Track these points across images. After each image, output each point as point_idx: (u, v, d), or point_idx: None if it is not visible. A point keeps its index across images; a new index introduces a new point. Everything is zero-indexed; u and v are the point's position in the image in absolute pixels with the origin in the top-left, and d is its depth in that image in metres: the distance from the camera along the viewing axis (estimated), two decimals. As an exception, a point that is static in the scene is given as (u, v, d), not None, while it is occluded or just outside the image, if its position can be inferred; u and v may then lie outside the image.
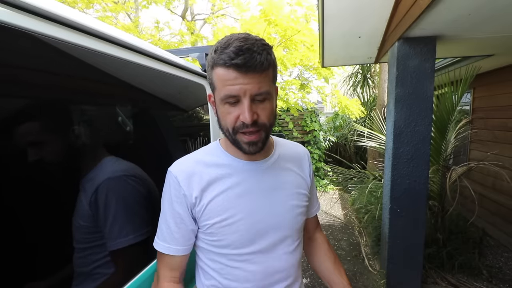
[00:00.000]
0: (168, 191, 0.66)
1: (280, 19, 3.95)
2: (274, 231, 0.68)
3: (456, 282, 2.39)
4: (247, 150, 0.62)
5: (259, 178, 0.67)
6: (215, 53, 0.57)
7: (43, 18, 0.58)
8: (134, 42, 0.86)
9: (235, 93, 0.56)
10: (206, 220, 0.64)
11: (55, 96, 0.66)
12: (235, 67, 0.54)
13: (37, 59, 0.60)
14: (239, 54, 0.54)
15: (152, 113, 1.08)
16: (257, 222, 0.65)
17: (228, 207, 0.64)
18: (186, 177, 0.64)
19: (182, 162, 0.68)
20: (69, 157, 0.68)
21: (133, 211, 0.74)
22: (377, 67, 6.64)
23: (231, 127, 0.60)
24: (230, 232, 0.64)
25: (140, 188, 0.77)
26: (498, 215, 3.13)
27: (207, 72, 0.62)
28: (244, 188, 0.65)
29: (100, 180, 0.68)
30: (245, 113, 0.57)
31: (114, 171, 0.71)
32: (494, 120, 3.27)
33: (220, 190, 0.64)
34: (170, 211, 0.65)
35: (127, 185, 0.73)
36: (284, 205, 0.69)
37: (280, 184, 0.70)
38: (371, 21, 2.01)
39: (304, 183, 0.76)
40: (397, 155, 2.08)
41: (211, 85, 0.61)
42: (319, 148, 5.94)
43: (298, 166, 0.77)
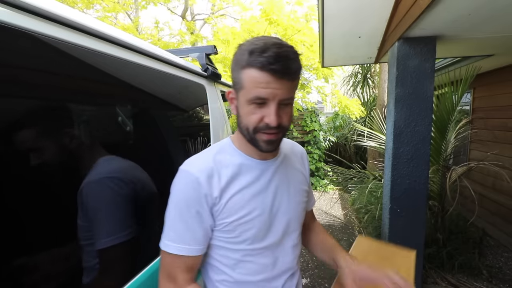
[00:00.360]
0: (184, 191, 0.64)
1: (281, 19, 3.96)
2: (284, 225, 0.72)
3: (456, 282, 2.39)
4: (264, 148, 0.64)
5: (270, 176, 0.71)
6: (250, 55, 0.57)
7: (43, 18, 0.58)
8: (134, 42, 0.86)
9: (265, 96, 0.58)
10: (224, 218, 0.65)
11: (55, 97, 0.66)
12: (272, 72, 0.56)
13: (37, 59, 0.60)
14: (277, 60, 0.56)
15: (152, 113, 1.08)
16: (270, 218, 0.70)
17: (244, 205, 0.66)
18: (207, 176, 0.64)
19: (200, 162, 0.67)
20: (67, 157, 0.68)
21: (113, 215, 0.73)
22: (377, 67, 6.64)
23: (252, 127, 0.62)
24: (247, 228, 0.67)
25: (121, 191, 0.75)
26: (498, 215, 3.13)
27: (234, 70, 0.63)
28: (258, 187, 0.68)
29: (84, 182, 0.69)
30: (272, 116, 0.59)
31: (98, 173, 0.71)
32: (494, 120, 3.27)
33: (237, 189, 0.66)
34: (189, 212, 0.64)
35: (106, 188, 0.72)
36: (292, 201, 0.74)
37: (288, 182, 0.74)
38: (371, 21, 2.01)
39: (305, 180, 0.82)
40: (397, 155, 2.08)
41: (237, 83, 0.62)
42: (319, 148, 5.94)
43: (300, 163, 0.82)
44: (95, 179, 0.70)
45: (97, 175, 0.71)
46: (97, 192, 0.69)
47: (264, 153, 0.68)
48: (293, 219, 0.75)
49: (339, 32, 2.21)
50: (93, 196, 0.68)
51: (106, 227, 0.70)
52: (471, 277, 2.49)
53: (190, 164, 0.67)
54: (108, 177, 0.72)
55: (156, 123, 1.09)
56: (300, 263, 2.90)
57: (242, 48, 0.61)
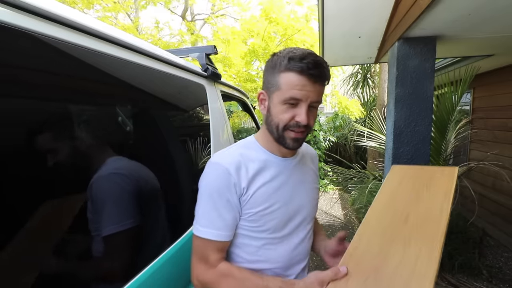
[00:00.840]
0: (216, 181, 0.71)
1: (280, 18, 3.96)
2: (301, 217, 0.80)
3: (456, 282, 2.39)
4: (291, 145, 0.71)
5: (290, 172, 0.79)
6: (290, 61, 0.66)
7: (43, 18, 0.58)
8: (134, 42, 0.86)
9: (299, 97, 0.66)
10: (250, 208, 0.72)
11: (55, 97, 0.66)
12: (309, 76, 0.65)
13: (37, 59, 0.60)
14: (315, 66, 0.65)
15: (151, 113, 1.08)
16: (290, 210, 0.77)
17: (268, 198, 0.73)
18: (236, 168, 0.71)
19: (228, 155, 0.74)
20: (78, 158, 0.72)
21: (116, 206, 0.78)
22: (377, 67, 6.64)
23: (283, 124, 0.69)
24: (270, 219, 0.73)
25: (126, 186, 0.80)
26: (498, 215, 3.13)
27: (269, 73, 0.71)
28: (280, 181, 0.76)
29: (94, 179, 0.73)
30: (303, 115, 0.67)
31: (107, 169, 0.76)
32: (494, 120, 3.27)
33: (262, 182, 0.73)
34: (221, 201, 0.70)
35: (112, 182, 0.77)
36: (308, 196, 0.83)
37: (305, 179, 0.83)
38: (371, 21, 2.01)
39: (317, 179, 0.92)
40: (397, 155, 2.08)
41: (272, 85, 0.70)
42: (319, 148, 5.94)
43: (313, 163, 0.91)
44: (103, 174, 0.74)
45: (104, 171, 0.75)
46: (104, 186, 0.74)
47: (287, 151, 0.77)
48: (308, 213, 0.82)
49: (339, 32, 2.21)
50: (101, 189, 0.73)
51: (111, 216, 0.75)
52: (471, 277, 2.49)
53: (219, 157, 0.74)
54: (114, 173, 0.77)
55: (156, 123, 1.09)
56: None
57: (279, 55, 0.69)
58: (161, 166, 1.08)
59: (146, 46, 0.93)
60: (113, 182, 0.77)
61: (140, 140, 0.99)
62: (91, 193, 0.70)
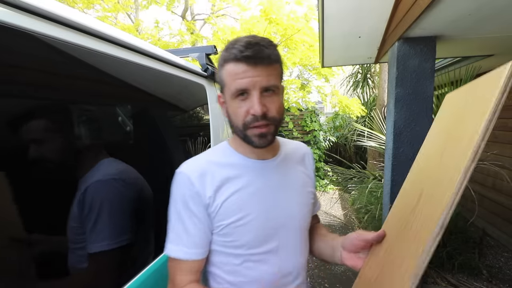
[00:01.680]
0: (179, 192, 0.63)
1: (280, 18, 3.96)
2: (284, 229, 0.68)
3: (456, 282, 2.39)
4: (257, 143, 0.61)
5: (269, 176, 0.68)
6: (225, 52, 0.60)
7: (43, 18, 0.58)
8: (134, 42, 0.86)
9: (244, 86, 0.58)
10: (221, 220, 0.63)
11: (55, 97, 0.66)
12: (245, 59, 0.57)
13: (37, 59, 0.60)
14: (248, 47, 0.57)
15: (151, 113, 1.08)
16: (269, 220, 0.66)
17: (242, 207, 0.63)
18: (198, 176, 0.63)
19: (192, 162, 0.66)
20: (68, 157, 0.68)
21: (115, 217, 0.71)
22: (377, 67, 6.63)
23: (241, 123, 0.61)
24: (245, 231, 0.64)
25: (127, 193, 0.74)
26: (498, 215, 3.13)
27: (218, 74, 0.64)
28: (256, 187, 0.66)
29: (89, 182, 0.67)
30: (255, 105, 0.58)
31: (104, 174, 0.70)
32: (494, 120, 3.26)
33: (233, 190, 0.64)
34: (186, 213, 0.63)
35: (113, 190, 0.71)
36: (292, 203, 0.70)
37: (288, 183, 0.71)
38: (371, 21, 2.01)
39: (310, 181, 0.77)
40: (397, 155, 2.08)
41: (221, 84, 0.63)
42: (319, 148, 5.94)
43: (302, 164, 0.78)
44: (102, 179, 0.69)
45: (103, 176, 0.70)
46: (103, 193, 0.68)
47: (263, 151, 0.67)
48: (295, 223, 0.70)
49: (339, 32, 2.21)
50: (96, 196, 0.67)
51: (107, 231, 0.68)
52: (471, 277, 2.49)
53: (183, 166, 0.66)
54: (114, 178, 0.72)
55: (156, 123, 1.09)
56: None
57: (220, 55, 0.63)
58: (159, 167, 1.07)
59: (146, 46, 0.93)
60: (112, 189, 0.71)
61: (140, 140, 0.99)
62: (82, 199, 0.65)
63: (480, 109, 0.44)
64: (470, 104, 0.50)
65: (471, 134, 0.43)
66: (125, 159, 0.81)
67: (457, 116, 0.55)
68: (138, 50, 0.89)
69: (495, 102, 0.41)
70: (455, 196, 0.42)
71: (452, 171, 0.45)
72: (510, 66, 0.41)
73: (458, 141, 0.48)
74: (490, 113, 0.41)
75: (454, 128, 0.54)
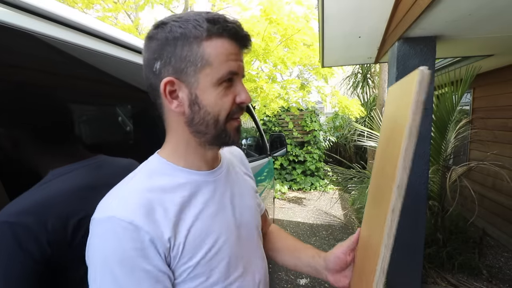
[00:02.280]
0: (116, 250, 0.42)
1: (281, 18, 3.96)
2: (251, 240, 0.61)
3: (456, 282, 2.39)
4: (235, 139, 0.52)
5: (223, 188, 0.57)
6: (213, 24, 0.45)
7: (43, 18, 0.58)
8: (134, 42, 0.86)
9: (237, 69, 0.48)
10: (188, 261, 0.47)
11: (55, 97, 0.66)
12: (241, 40, 0.48)
13: (37, 59, 0.60)
14: (240, 27, 0.47)
15: (151, 113, 1.08)
16: (238, 238, 0.56)
17: (208, 233, 0.50)
18: (144, 214, 0.44)
19: (127, 198, 0.45)
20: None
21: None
22: (377, 67, 6.64)
23: (226, 113, 0.49)
24: (219, 260, 0.51)
25: (23, 247, 0.48)
26: (498, 215, 3.13)
27: (178, 47, 0.46)
28: (215, 205, 0.53)
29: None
30: (243, 93, 0.49)
31: (5, 209, 0.48)
32: (494, 120, 3.27)
33: (194, 216, 0.49)
34: (132, 278, 0.42)
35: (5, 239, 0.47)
36: (250, 209, 0.63)
37: (241, 189, 0.62)
38: (371, 21, 2.01)
39: (253, 181, 0.71)
40: (397, 155, 2.08)
41: (193, 62, 0.46)
42: (319, 148, 5.95)
43: (242, 165, 0.71)
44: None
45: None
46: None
47: (212, 157, 0.56)
48: (255, 228, 0.63)
49: (339, 32, 2.21)
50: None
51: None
52: (471, 277, 2.49)
53: (113, 206, 0.44)
54: (7, 221, 0.48)
55: (156, 123, 1.09)
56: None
57: (181, 21, 0.46)
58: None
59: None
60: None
61: (140, 140, 0.99)
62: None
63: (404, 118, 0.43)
64: (400, 106, 0.48)
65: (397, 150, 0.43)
66: (111, 164, 0.73)
67: (393, 114, 0.53)
68: (138, 50, 0.89)
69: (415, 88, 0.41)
70: (391, 216, 0.44)
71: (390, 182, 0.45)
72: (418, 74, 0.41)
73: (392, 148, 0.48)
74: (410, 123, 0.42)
75: (390, 129, 0.53)
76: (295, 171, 5.85)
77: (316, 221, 4.10)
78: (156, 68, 0.47)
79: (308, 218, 4.24)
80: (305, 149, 5.88)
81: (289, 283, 2.56)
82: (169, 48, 0.46)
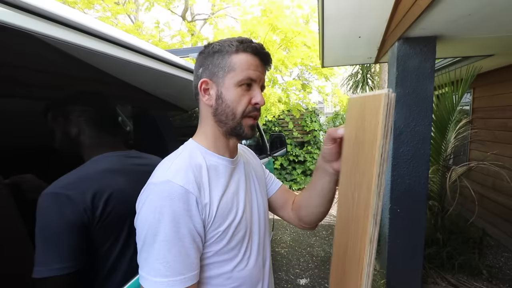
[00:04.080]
0: (173, 206, 0.53)
1: (283, 25, 3.98)
2: (261, 220, 0.75)
3: (456, 282, 2.39)
4: (249, 134, 0.66)
5: (241, 173, 0.72)
6: (241, 43, 0.62)
7: (43, 18, 0.58)
8: (134, 42, 0.86)
9: (255, 77, 0.63)
10: (218, 227, 0.60)
11: (56, 97, 0.66)
12: (262, 56, 0.64)
13: (37, 59, 0.60)
14: (264, 49, 0.65)
15: (152, 113, 1.08)
16: (252, 215, 0.71)
17: (231, 207, 0.64)
18: (193, 183, 0.57)
19: (179, 169, 0.58)
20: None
21: (51, 241, 0.61)
22: (377, 67, 6.63)
23: (242, 109, 0.63)
24: (238, 230, 0.64)
25: (68, 212, 0.62)
26: (498, 215, 3.13)
27: (215, 58, 0.63)
28: (235, 185, 0.68)
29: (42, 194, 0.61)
30: (258, 96, 0.64)
31: (53, 184, 0.62)
32: (494, 120, 3.27)
33: (221, 191, 0.63)
34: (179, 234, 0.54)
35: (50, 207, 0.61)
36: (262, 194, 0.78)
37: (254, 176, 0.77)
38: (371, 21, 2.01)
39: (263, 169, 0.86)
40: (397, 155, 2.08)
41: (223, 68, 0.62)
42: (319, 148, 5.94)
43: (252, 155, 0.87)
44: (45, 192, 0.60)
45: (49, 188, 0.61)
46: (40, 209, 0.59)
47: (233, 148, 0.70)
48: (264, 210, 0.77)
49: (339, 32, 2.22)
50: (38, 213, 0.59)
51: (43, 254, 0.59)
52: (471, 277, 2.49)
53: (167, 174, 0.57)
54: (55, 192, 0.62)
55: (156, 123, 1.09)
56: (300, 263, 2.90)
57: (221, 42, 0.64)
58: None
59: (146, 46, 0.93)
60: (49, 206, 0.60)
61: (140, 140, 0.99)
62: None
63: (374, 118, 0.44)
64: (366, 121, 0.48)
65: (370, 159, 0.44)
66: (115, 163, 0.77)
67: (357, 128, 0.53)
68: (138, 50, 0.89)
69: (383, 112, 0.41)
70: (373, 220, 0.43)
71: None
72: (384, 96, 0.40)
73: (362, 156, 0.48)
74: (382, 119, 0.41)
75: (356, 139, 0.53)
76: (295, 171, 5.85)
77: (316, 221, 4.10)
78: (199, 73, 0.66)
79: (308, 218, 4.24)
80: (305, 149, 5.88)
81: (289, 283, 2.56)
82: (210, 58, 0.64)
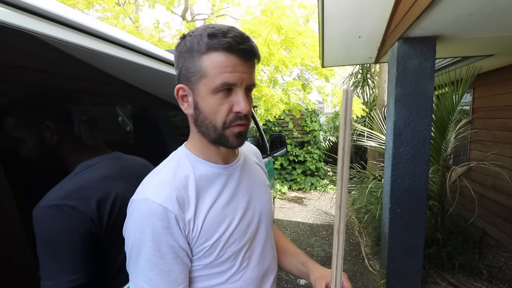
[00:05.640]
0: (151, 225, 0.51)
1: (286, 26, 3.98)
2: (261, 228, 0.67)
3: (456, 282, 2.39)
4: (235, 143, 0.57)
5: (237, 179, 0.64)
6: (211, 38, 0.50)
7: (43, 18, 0.58)
8: (134, 42, 0.86)
9: (233, 81, 0.52)
10: (204, 242, 0.56)
11: (56, 96, 0.66)
12: (240, 53, 0.51)
13: (37, 59, 0.60)
14: (244, 40, 0.52)
15: (152, 113, 1.08)
16: (249, 224, 0.64)
17: (223, 219, 0.58)
18: (173, 200, 0.53)
19: (160, 185, 0.54)
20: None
21: (56, 253, 0.59)
22: (377, 67, 6.64)
23: (222, 121, 0.54)
24: (230, 243, 0.59)
25: (75, 223, 0.60)
26: (498, 215, 3.13)
27: (186, 59, 0.54)
28: (229, 194, 0.61)
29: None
30: (242, 103, 0.53)
31: (49, 195, 0.57)
32: (494, 120, 3.27)
33: (210, 203, 0.57)
34: (168, 249, 0.52)
35: (56, 218, 0.58)
36: (262, 200, 0.69)
37: (255, 181, 0.70)
38: (371, 21, 2.01)
39: (266, 175, 0.78)
40: (397, 155, 2.08)
41: (193, 73, 0.53)
42: (319, 148, 5.95)
43: (258, 158, 0.79)
44: (41, 205, 0.56)
45: (45, 200, 0.57)
46: (40, 223, 0.56)
47: (228, 154, 0.63)
48: (268, 219, 0.70)
49: (339, 32, 2.21)
50: (36, 227, 0.55)
51: (50, 269, 0.57)
52: (471, 277, 2.49)
53: (146, 190, 0.54)
54: (56, 204, 0.58)
55: (156, 123, 1.09)
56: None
57: (193, 34, 0.53)
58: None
59: (146, 46, 0.93)
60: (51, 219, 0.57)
61: (140, 140, 0.99)
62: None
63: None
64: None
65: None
66: (120, 165, 0.77)
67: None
68: (138, 50, 0.89)
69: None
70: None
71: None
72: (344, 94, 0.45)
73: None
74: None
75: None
76: (295, 171, 5.85)
77: (316, 221, 4.10)
78: (176, 76, 0.57)
79: (308, 218, 4.24)
80: (305, 149, 5.88)
81: (289, 283, 2.56)
82: (181, 59, 0.55)
